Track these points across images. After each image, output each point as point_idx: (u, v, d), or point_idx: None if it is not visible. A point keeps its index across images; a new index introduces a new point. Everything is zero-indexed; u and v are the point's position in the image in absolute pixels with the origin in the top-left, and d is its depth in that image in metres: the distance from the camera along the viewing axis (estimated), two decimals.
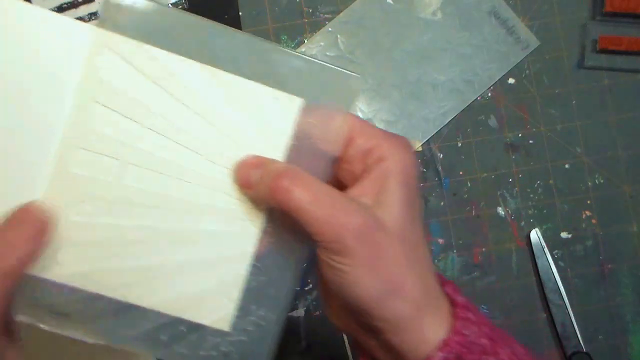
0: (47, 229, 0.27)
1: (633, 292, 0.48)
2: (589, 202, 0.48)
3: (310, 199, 0.26)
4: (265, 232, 0.30)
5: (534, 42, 0.47)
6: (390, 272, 0.26)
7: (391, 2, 0.47)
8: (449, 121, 0.47)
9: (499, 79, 0.47)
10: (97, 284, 0.29)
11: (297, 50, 0.29)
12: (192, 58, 0.29)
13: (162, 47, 0.29)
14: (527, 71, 0.48)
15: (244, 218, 0.30)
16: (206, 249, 0.30)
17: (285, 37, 0.47)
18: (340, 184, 0.29)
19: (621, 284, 0.48)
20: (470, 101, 0.47)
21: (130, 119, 0.29)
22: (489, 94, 0.47)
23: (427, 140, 0.47)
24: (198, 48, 0.29)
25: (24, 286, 0.28)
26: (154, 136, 0.29)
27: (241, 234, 0.30)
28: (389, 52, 0.47)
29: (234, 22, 0.46)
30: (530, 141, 0.47)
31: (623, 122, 0.48)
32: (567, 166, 0.47)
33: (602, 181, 0.47)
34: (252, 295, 0.30)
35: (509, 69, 0.47)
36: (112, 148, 0.29)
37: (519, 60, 0.47)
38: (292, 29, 0.47)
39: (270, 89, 0.29)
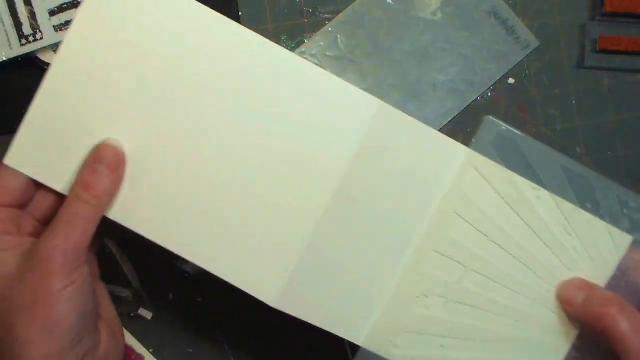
0: (123, 163, 0.31)
1: None
2: None
3: (633, 328, 0.29)
4: (572, 346, 0.34)
5: (534, 42, 0.47)
6: None
7: (391, 2, 0.47)
8: (449, 121, 0.47)
9: (499, 79, 0.47)
10: None
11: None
12: (542, 185, 0.33)
13: (518, 172, 0.33)
14: (527, 71, 0.48)
15: (558, 331, 0.34)
16: (519, 352, 0.34)
17: (285, 37, 0.47)
18: None
19: None
20: (470, 101, 0.47)
21: (480, 231, 0.33)
22: (489, 94, 0.47)
23: None
24: (549, 176, 0.34)
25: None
26: (496, 249, 0.33)
27: (552, 345, 0.34)
28: (389, 52, 0.47)
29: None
30: None
31: (623, 122, 0.48)
32: None
33: None
34: None
35: (509, 69, 0.47)
36: (460, 254, 0.33)
37: (519, 60, 0.47)
38: (292, 29, 0.47)
39: (605, 223, 0.33)
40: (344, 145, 0.32)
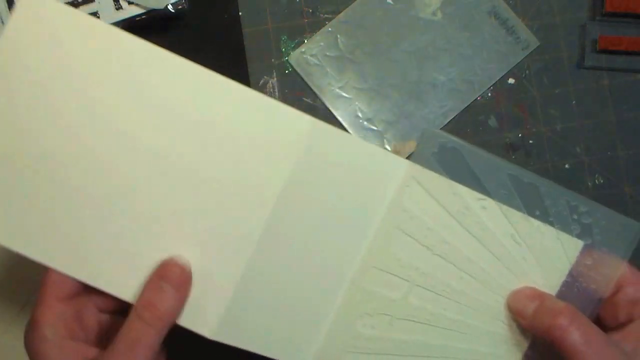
0: (188, 283, 0.30)
1: None
2: None
3: (584, 340, 0.28)
4: (525, 356, 0.33)
5: (534, 42, 0.47)
6: None
7: (391, 2, 0.47)
8: (449, 121, 0.47)
9: (499, 79, 0.47)
10: None
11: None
12: (488, 195, 0.32)
13: (462, 183, 0.32)
14: (527, 71, 0.48)
15: (509, 342, 0.33)
16: None
17: (285, 37, 0.47)
18: (599, 323, 0.31)
19: None
20: (470, 101, 0.47)
21: (425, 246, 0.32)
22: (489, 94, 0.47)
23: None
24: (495, 185, 0.33)
25: None
26: (442, 263, 0.32)
27: (504, 357, 0.33)
28: (389, 52, 0.47)
29: (234, 22, 0.46)
30: (530, 141, 0.47)
31: (623, 122, 0.48)
32: (567, 166, 0.48)
33: (602, 181, 0.48)
34: None
35: (509, 69, 0.47)
36: (404, 270, 0.32)
37: (519, 60, 0.47)
38: (292, 29, 0.47)
39: (555, 229, 0.33)
40: (278, 166, 0.30)
